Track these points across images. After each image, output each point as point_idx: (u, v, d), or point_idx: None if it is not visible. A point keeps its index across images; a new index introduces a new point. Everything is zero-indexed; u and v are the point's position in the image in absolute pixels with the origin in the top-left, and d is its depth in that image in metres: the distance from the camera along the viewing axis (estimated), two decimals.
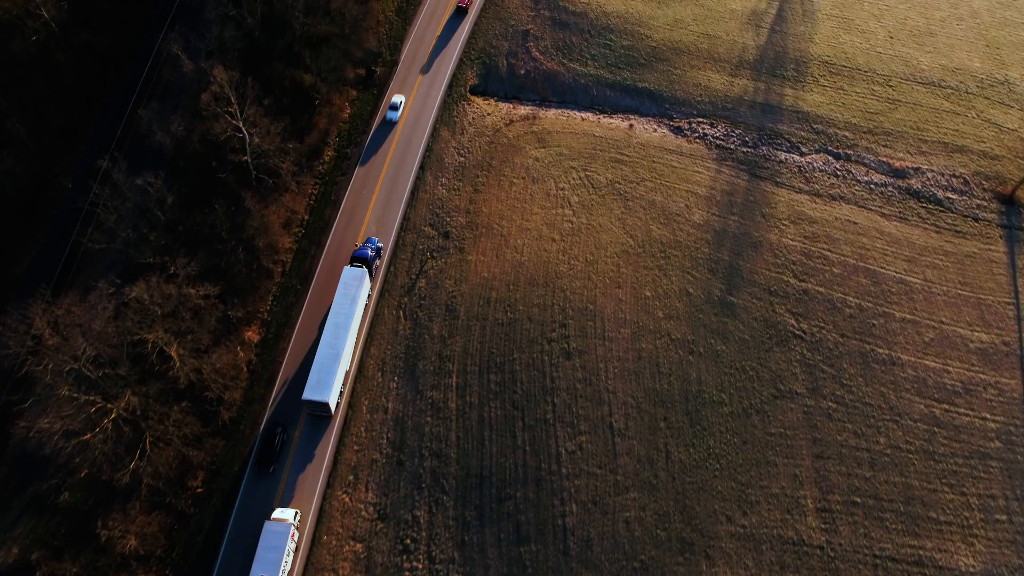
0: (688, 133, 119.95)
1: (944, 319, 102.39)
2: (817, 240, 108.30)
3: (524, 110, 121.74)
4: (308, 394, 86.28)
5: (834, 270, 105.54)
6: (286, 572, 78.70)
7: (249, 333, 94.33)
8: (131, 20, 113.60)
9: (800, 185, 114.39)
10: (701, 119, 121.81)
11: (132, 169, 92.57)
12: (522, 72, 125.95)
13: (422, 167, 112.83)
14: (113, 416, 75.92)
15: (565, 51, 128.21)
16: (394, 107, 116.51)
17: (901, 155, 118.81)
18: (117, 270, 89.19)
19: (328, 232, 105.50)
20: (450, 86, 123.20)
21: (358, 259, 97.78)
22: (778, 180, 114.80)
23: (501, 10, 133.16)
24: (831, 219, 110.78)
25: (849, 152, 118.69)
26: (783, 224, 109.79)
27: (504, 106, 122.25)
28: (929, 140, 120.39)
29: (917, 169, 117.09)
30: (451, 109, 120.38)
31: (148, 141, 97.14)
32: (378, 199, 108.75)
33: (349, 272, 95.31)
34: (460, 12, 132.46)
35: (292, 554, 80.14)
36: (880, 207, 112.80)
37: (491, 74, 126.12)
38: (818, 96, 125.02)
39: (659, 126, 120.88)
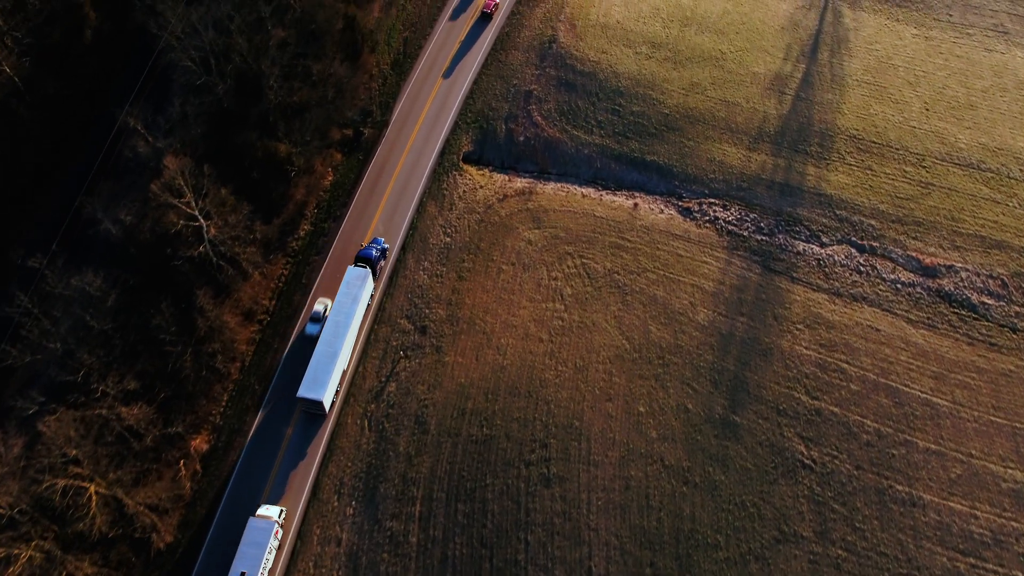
0: (698, 216, 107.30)
1: (974, 451, 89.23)
2: (834, 349, 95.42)
3: (520, 183, 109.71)
4: (303, 392, 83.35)
5: (852, 386, 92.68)
6: (267, 570, 76.07)
7: (197, 441, 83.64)
8: (99, 77, 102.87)
9: (818, 282, 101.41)
10: (713, 200, 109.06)
11: (72, 263, 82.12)
12: (521, 139, 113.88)
13: (404, 248, 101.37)
14: (21, 563, 65.46)
15: (570, 116, 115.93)
16: (315, 318, 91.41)
17: (932, 250, 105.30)
18: (40, 386, 78.57)
19: (295, 320, 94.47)
20: (442, 153, 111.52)
21: (362, 259, 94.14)
22: (794, 275, 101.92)
23: (504, 67, 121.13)
24: (851, 324, 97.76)
25: (875, 244, 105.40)
26: (797, 328, 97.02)
27: (499, 177, 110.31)
28: (964, 233, 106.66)
29: (950, 267, 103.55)
30: (441, 180, 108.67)
31: (94, 230, 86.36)
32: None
33: (352, 272, 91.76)
34: (485, 18, 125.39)
35: (274, 552, 77.20)
36: (906, 311, 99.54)
37: (488, 140, 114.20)
38: (843, 177, 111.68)
39: (667, 207, 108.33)
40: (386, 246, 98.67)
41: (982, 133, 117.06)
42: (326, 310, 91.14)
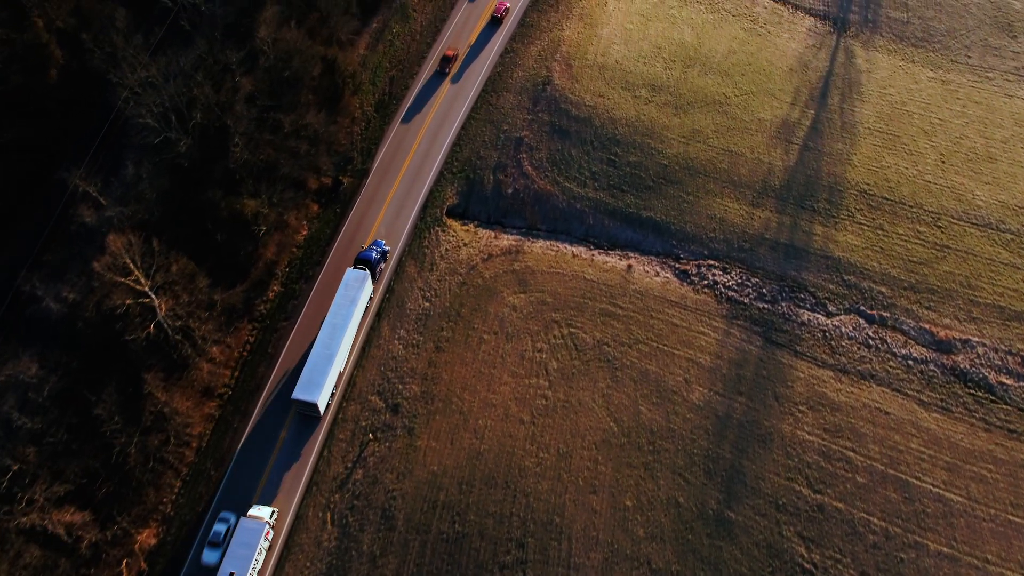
0: (696, 280, 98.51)
1: (990, 556, 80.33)
2: (840, 435, 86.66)
3: (507, 240, 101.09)
4: (298, 394, 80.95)
5: (858, 479, 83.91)
6: (256, 571, 73.53)
7: (144, 536, 75.60)
8: (58, 128, 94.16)
9: (824, 357, 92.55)
10: (712, 261, 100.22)
11: (5, 349, 73.96)
12: (510, 191, 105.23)
13: (379, 315, 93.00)
14: None
15: (562, 166, 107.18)
16: (214, 542, 74.24)
17: (947, 321, 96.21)
18: None
19: (258, 395, 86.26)
20: (425, 206, 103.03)
21: (362, 261, 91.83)
22: (798, 348, 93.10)
23: (494, 111, 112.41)
24: (858, 406, 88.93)
25: (885, 315, 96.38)
26: (799, 410, 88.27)
27: (484, 234, 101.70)
28: (982, 303, 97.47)
29: (966, 342, 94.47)
30: (422, 237, 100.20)
31: (34, 308, 78.15)
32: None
33: (351, 273, 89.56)
34: (495, 22, 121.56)
35: (264, 553, 74.81)
36: (918, 392, 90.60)
37: (474, 192, 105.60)
38: (852, 237, 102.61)
39: (662, 269, 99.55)
40: (387, 248, 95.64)
41: (1001, 189, 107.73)
42: (228, 531, 75.01)
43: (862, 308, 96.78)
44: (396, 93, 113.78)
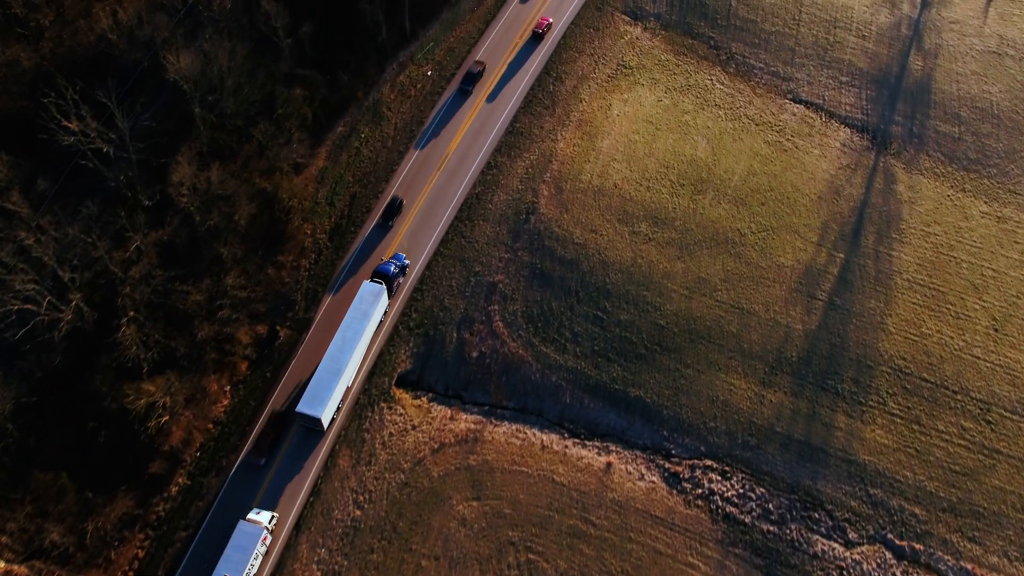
0: (688, 487, 78.53)
1: None
2: None
3: (465, 423, 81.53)
4: (302, 407, 75.78)
5: None
6: (251, 575, 68.59)
7: None
8: None
9: None
10: (710, 462, 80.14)
11: None
12: (475, 355, 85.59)
13: (298, 527, 74.22)
14: None
15: (539, 324, 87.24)
16: None
17: (994, 559, 75.54)
18: None
19: None
20: (372, 373, 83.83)
21: (379, 274, 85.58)
22: None
23: (467, 245, 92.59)
24: None
25: (918, 547, 75.87)
26: None
27: (439, 412, 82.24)
28: None
29: None
30: (363, 417, 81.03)
31: None
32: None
33: (367, 287, 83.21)
34: (536, 38, 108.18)
35: (260, 558, 69.96)
36: None
37: (433, 354, 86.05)
38: (882, 434, 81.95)
39: (649, 469, 79.62)
40: (406, 262, 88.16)
41: None
42: None
43: (889, 536, 76.34)
44: (356, 217, 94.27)
